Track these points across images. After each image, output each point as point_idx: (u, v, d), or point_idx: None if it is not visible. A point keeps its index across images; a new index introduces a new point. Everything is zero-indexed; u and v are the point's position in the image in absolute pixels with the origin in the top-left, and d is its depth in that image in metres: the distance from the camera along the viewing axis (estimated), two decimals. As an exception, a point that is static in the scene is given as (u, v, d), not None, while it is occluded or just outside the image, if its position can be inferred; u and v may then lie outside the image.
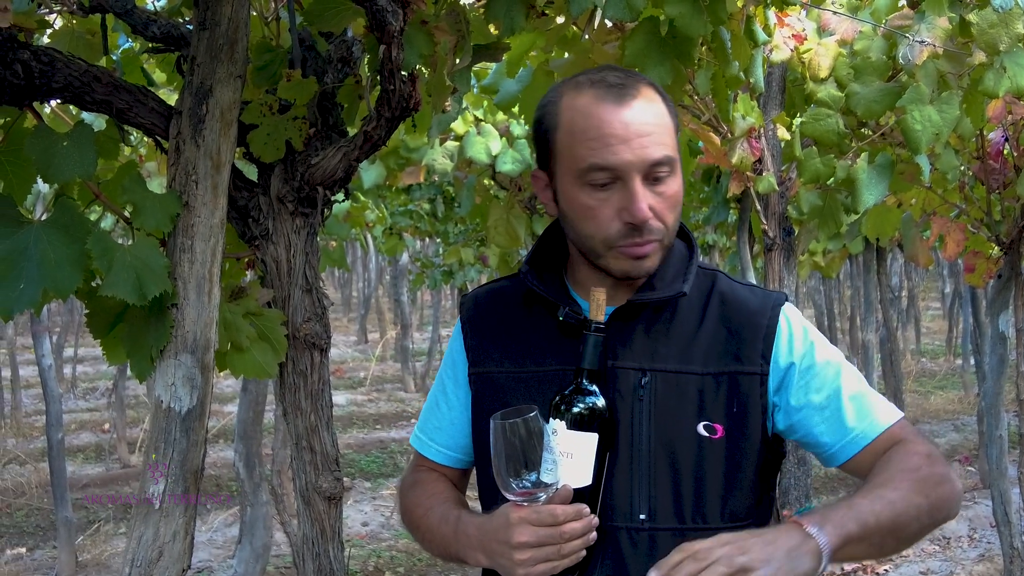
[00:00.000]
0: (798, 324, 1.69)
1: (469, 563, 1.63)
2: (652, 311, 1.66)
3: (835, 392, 1.65)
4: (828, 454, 1.67)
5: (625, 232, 1.58)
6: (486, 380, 1.74)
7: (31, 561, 6.64)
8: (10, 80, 1.62)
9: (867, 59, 2.79)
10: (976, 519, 7.20)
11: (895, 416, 1.66)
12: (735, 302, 1.68)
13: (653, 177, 1.57)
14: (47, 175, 1.63)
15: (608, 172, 1.56)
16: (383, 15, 1.71)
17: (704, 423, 1.61)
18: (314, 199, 1.92)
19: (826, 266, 7.49)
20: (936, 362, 15.52)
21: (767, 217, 3.21)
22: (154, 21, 1.93)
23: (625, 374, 1.63)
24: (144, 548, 1.66)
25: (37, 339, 6.27)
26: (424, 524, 1.75)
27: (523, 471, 1.49)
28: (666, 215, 1.59)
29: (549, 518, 1.49)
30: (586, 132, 1.57)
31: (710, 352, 1.64)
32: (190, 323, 1.70)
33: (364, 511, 7.75)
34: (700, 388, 1.62)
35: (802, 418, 1.65)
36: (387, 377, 14.49)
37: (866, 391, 1.67)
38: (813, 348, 1.67)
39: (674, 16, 2.00)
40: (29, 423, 10.55)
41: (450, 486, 1.83)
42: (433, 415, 1.84)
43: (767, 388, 1.64)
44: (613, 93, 1.58)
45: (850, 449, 1.64)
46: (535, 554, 1.49)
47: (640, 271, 1.62)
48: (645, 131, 1.56)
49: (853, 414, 1.64)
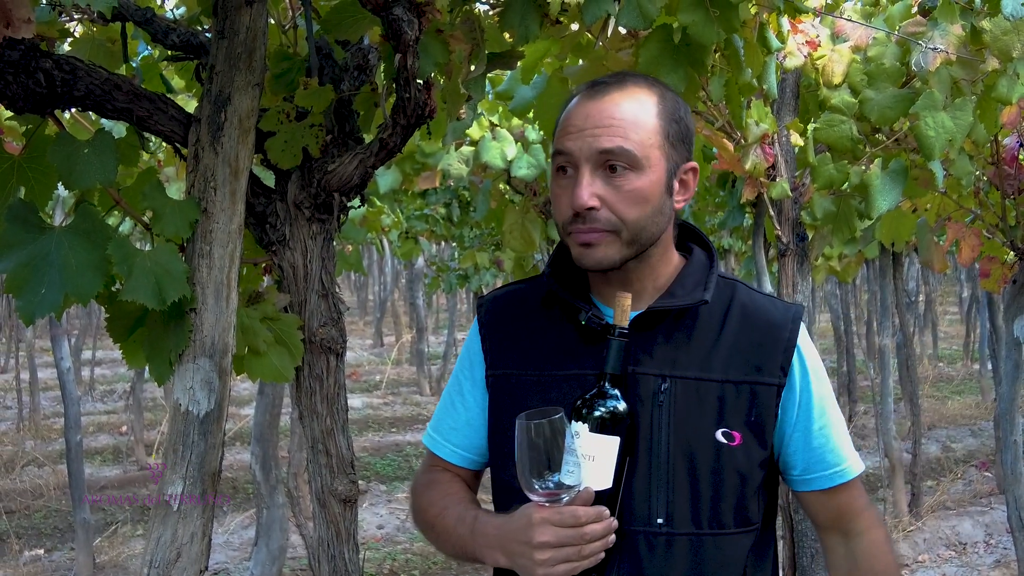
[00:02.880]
0: (809, 345, 1.74)
1: (487, 563, 1.65)
2: (673, 319, 1.68)
3: (821, 428, 1.71)
4: (794, 478, 1.75)
5: (572, 219, 1.62)
6: (504, 382, 1.76)
7: (49, 562, 6.68)
8: (33, 89, 1.64)
9: (881, 65, 2.79)
10: (993, 524, 7.17)
11: (859, 468, 1.76)
12: (756, 313, 1.70)
13: (607, 168, 1.60)
14: (69, 182, 1.65)
15: (563, 157, 1.63)
16: (399, 24, 1.73)
17: (723, 430, 1.63)
18: (330, 205, 1.94)
19: (842, 271, 7.47)
20: (954, 367, 15.45)
21: (781, 223, 3.21)
22: (173, 30, 1.95)
23: (646, 380, 1.64)
24: (162, 549, 1.68)
25: (56, 342, 6.32)
26: (439, 524, 1.77)
27: (546, 472, 1.51)
28: (620, 208, 1.60)
29: (571, 519, 1.51)
30: (562, 124, 1.66)
31: (731, 361, 1.66)
32: (208, 327, 1.72)
33: (379, 514, 7.77)
34: (720, 395, 1.64)
35: (790, 438, 1.71)
36: (403, 380, 14.52)
37: (844, 433, 1.76)
38: (818, 370, 1.72)
39: (687, 24, 2.01)
40: (47, 425, 10.61)
41: (464, 487, 1.84)
42: (448, 415, 1.85)
43: (782, 400, 1.67)
44: (593, 90, 1.66)
45: (817, 484, 1.73)
46: (555, 554, 1.51)
47: (589, 260, 1.63)
48: (604, 123, 1.60)
49: (834, 450, 1.72)
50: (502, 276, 7.94)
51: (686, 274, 1.71)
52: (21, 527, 7.38)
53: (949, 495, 7.96)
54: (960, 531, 7.07)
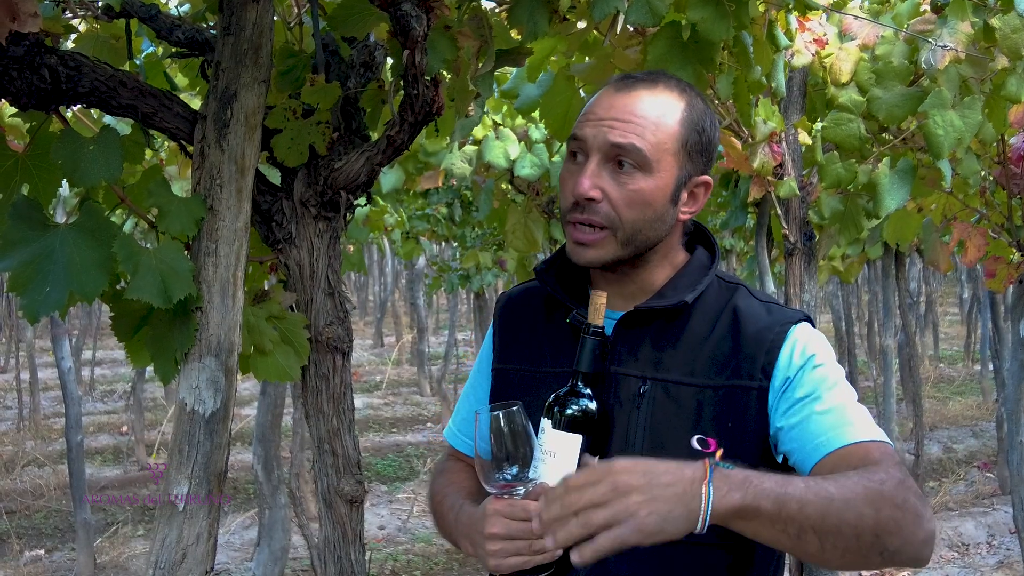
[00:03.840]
0: (805, 340, 1.61)
1: (464, 552, 1.65)
2: (664, 320, 1.64)
3: (821, 399, 1.55)
4: (798, 458, 1.56)
5: (572, 206, 1.60)
6: (504, 376, 1.77)
7: (50, 563, 6.67)
8: (37, 85, 1.63)
9: (889, 64, 2.78)
10: (995, 525, 7.16)
11: (877, 436, 1.53)
12: (747, 316, 1.63)
13: (616, 162, 1.57)
14: (74, 179, 1.63)
15: (577, 143, 1.61)
16: (407, 20, 1.71)
17: (698, 437, 1.57)
18: (337, 203, 1.93)
19: (845, 271, 7.46)
20: (954, 368, 15.44)
21: (788, 222, 3.19)
22: (178, 26, 1.94)
23: (627, 381, 1.62)
24: (168, 550, 1.67)
25: (57, 342, 6.30)
26: (439, 511, 1.79)
27: (504, 464, 1.51)
28: (620, 206, 1.57)
29: (522, 512, 1.50)
30: (585, 110, 1.64)
31: (713, 365, 1.60)
32: (214, 326, 1.70)
33: (381, 514, 7.76)
34: (699, 400, 1.59)
35: (782, 435, 1.57)
36: (403, 381, 14.50)
37: (852, 406, 1.57)
38: (812, 360, 1.58)
39: (696, 20, 2.00)
40: (47, 425, 10.59)
41: (471, 476, 1.83)
42: (463, 407, 1.89)
43: (767, 404, 1.58)
44: (622, 83, 1.63)
45: (820, 451, 1.52)
46: (505, 546, 1.50)
47: (581, 257, 1.62)
48: (623, 117, 1.58)
49: (832, 421, 1.53)
50: (504, 276, 7.93)
51: (681, 275, 1.67)
52: (22, 527, 7.37)
53: (951, 496, 7.95)
54: (963, 532, 7.06)
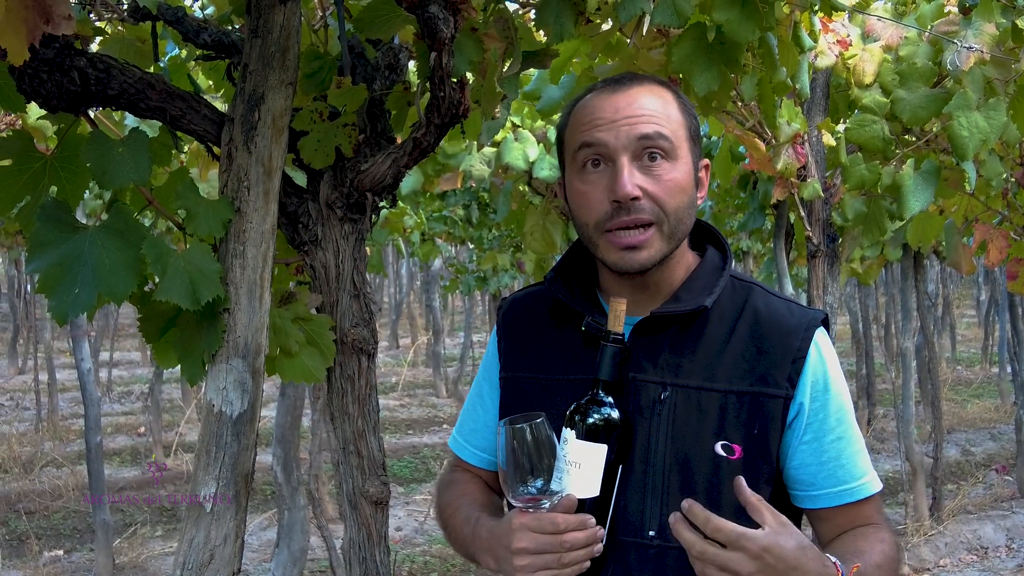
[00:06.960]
0: (826, 352, 1.63)
1: (484, 566, 1.63)
2: (680, 324, 1.62)
3: (834, 441, 1.60)
4: (803, 494, 1.63)
5: (612, 212, 1.56)
6: (514, 385, 1.74)
7: (68, 563, 6.70)
8: (67, 87, 1.64)
9: (913, 65, 2.76)
10: (1014, 528, 7.13)
11: (875, 483, 1.64)
12: (769, 319, 1.62)
13: (647, 156, 1.56)
14: (103, 181, 1.64)
15: (593, 149, 1.58)
16: (435, 23, 1.71)
17: (722, 443, 1.56)
18: (363, 205, 1.93)
19: (864, 273, 7.42)
20: (972, 370, 15.37)
21: (811, 223, 3.18)
22: (204, 29, 1.95)
23: (646, 387, 1.60)
24: (195, 551, 1.67)
25: (76, 343, 6.32)
26: (451, 523, 1.77)
27: (528, 477, 1.49)
28: (662, 198, 1.56)
29: (550, 526, 1.48)
30: (581, 120, 1.61)
31: (736, 370, 1.59)
32: (241, 328, 1.71)
33: (398, 516, 7.76)
34: (722, 406, 1.57)
35: (796, 451, 1.60)
36: (419, 382, 14.53)
37: (861, 450, 1.64)
38: (829, 381, 1.61)
39: (722, 22, 2.00)
40: (65, 426, 10.64)
41: (482, 488, 1.83)
42: (469, 417, 1.86)
43: (788, 413, 1.58)
44: (612, 85, 1.62)
45: (825, 501, 1.61)
46: (534, 561, 1.48)
47: (633, 262, 1.57)
48: (637, 112, 1.57)
49: (842, 470, 1.61)
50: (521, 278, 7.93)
51: (695, 277, 1.66)
52: (40, 528, 7.40)
53: (970, 499, 7.90)
54: (982, 535, 7.02)
